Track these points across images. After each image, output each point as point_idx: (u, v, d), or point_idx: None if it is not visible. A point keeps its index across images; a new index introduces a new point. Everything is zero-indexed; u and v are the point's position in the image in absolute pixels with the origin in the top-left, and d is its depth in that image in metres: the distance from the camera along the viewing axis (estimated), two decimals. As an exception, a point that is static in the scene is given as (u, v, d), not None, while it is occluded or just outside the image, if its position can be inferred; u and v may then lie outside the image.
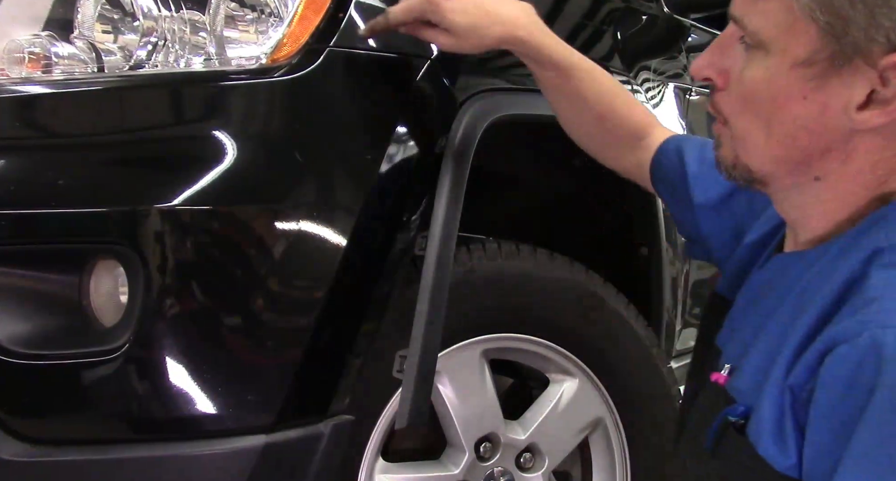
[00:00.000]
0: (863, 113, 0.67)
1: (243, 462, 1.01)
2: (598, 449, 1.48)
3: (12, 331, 0.99)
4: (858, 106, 0.67)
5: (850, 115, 0.68)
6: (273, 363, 1.03)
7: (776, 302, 0.75)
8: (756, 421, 0.69)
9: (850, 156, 0.70)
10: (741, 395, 0.73)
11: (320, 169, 1.05)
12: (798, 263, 0.76)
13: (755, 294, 0.83)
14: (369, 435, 1.19)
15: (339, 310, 1.06)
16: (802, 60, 0.68)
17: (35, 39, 1.12)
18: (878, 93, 0.66)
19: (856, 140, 0.70)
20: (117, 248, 0.98)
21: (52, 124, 1.06)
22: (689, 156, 1.05)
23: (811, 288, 0.71)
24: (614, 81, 1.12)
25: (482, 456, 1.32)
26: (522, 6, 1.04)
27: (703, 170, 1.03)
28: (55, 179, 0.99)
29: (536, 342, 1.35)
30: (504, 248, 1.31)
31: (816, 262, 0.72)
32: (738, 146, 0.75)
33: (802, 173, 0.73)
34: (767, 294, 0.79)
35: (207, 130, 1.01)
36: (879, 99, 0.67)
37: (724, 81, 0.75)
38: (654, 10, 1.72)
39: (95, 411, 1.00)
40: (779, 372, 0.67)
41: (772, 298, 0.77)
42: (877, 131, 0.69)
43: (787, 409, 0.66)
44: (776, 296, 0.76)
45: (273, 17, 1.07)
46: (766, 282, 0.81)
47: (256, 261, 1.00)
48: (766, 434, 0.67)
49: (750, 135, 0.74)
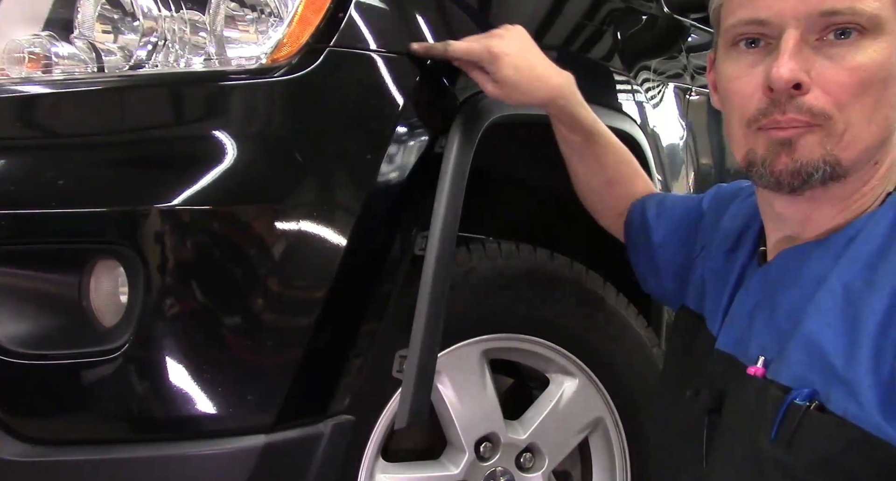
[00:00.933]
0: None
1: (243, 462, 1.01)
2: (598, 449, 1.48)
3: (12, 331, 0.99)
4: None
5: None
6: (273, 363, 1.03)
7: (807, 292, 0.76)
8: (848, 397, 0.68)
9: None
10: (798, 381, 0.73)
11: (320, 169, 1.04)
12: (817, 252, 0.78)
13: (766, 293, 0.84)
14: (369, 435, 1.18)
15: (339, 310, 1.06)
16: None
17: (35, 39, 1.12)
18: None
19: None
20: (117, 248, 0.98)
21: (52, 124, 1.06)
22: (649, 212, 1.16)
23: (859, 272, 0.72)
24: (626, 150, 1.24)
25: (482, 456, 1.32)
26: (566, 76, 1.15)
27: (660, 217, 1.15)
28: (55, 179, 0.99)
29: (536, 342, 1.35)
30: (504, 248, 1.31)
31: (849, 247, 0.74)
32: (833, 141, 0.75)
33: (872, 157, 0.77)
34: (788, 287, 0.80)
35: (207, 130, 1.01)
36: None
37: (810, 82, 0.75)
38: (654, 10, 1.72)
39: (95, 411, 1.00)
40: (870, 346, 0.67)
41: (797, 289, 0.78)
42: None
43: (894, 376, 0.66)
44: (803, 286, 0.77)
45: (273, 17, 1.07)
46: (779, 279, 0.83)
47: (256, 261, 1.00)
48: (872, 404, 0.67)
49: (853, 126, 0.74)
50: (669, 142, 1.64)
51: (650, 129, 1.53)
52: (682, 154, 1.69)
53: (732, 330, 0.88)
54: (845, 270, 0.74)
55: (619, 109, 1.47)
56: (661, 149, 1.58)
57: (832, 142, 0.75)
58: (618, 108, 1.47)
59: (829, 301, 0.73)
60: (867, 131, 0.75)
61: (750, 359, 0.81)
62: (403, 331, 1.11)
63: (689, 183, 1.73)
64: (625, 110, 1.47)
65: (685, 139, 1.71)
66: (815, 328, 0.73)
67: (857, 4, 0.72)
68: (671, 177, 1.61)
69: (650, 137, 1.51)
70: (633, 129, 1.46)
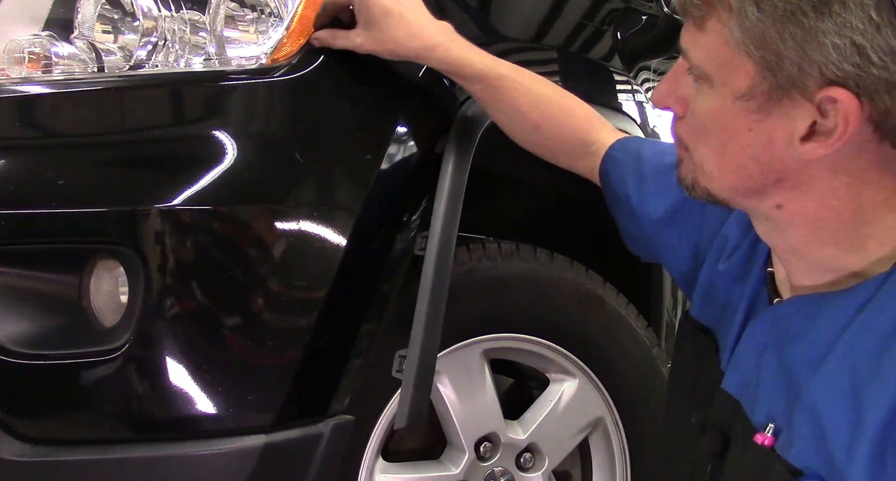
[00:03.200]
0: (806, 144, 0.68)
1: (243, 462, 1.01)
2: (598, 449, 1.48)
3: (12, 331, 0.99)
4: (801, 137, 0.68)
5: (794, 146, 0.68)
6: (273, 363, 1.03)
7: (813, 353, 0.72)
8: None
9: (808, 183, 0.70)
10: (806, 465, 0.69)
11: (320, 169, 1.04)
12: (828, 308, 0.73)
13: (772, 340, 0.79)
14: (369, 435, 1.19)
15: (339, 310, 1.06)
16: (743, 93, 0.69)
17: (35, 39, 1.12)
18: (820, 124, 0.67)
19: (810, 169, 0.70)
20: (117, 248, 0.98)
21: (52, 124, 1.06)
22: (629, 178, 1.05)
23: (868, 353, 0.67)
24: (553, 88, 1.12)
25: (482, 456, 1.32)
26: (441, 25, 1.06)
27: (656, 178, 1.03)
28: (55, 179, 0.99)
29: (536, 342, 1.35)
30: (504, 248, 1.31)
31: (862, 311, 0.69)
32: (696, 170, 0.77)
33: (760, 201, 0.74)
34: (793, 342, 0.76)
35: (207, 130, 1.01)
36: (821, 130, 0.67)
37: (683, 109, 0.76)
38: (654, 10, 1.71)
39: (95, 411, 1.00)
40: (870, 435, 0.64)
41: (803, 348, 0.74)
42: (825, 162, 0.69)
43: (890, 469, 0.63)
44: (810, 345, 0.73)
45: (273, 17, 1.07)
46: (785, 329, 0.78)
47: (256, 261, 1.00)
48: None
49: (705, 162, 0.75)
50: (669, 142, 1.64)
51: (650, 129, 1.53)
52: (682, 154, 1.69)
53: (738, 373, 0.84)
54: (855, 343, 0.68)
55: (619, 109, 1.47)
56: (661, 149, 1.58)
57: (696, 171, 0.77)
58: (618, 108, 1.47)
59: (836, 376, 0.68)
60: (721, 173, 0.74)
61: (758, 423, 0.77)
62: (403, 331, 1.11)
63: (689, 183, 1.73)
64: (625, 110, 1.47)
65: (685, 139, 1.70)
66: (821, 403, 0.69)
67: (688, 51, 0.72)
68: (671, 177, 1.61)
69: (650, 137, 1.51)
70: (633, 129, 1.46)
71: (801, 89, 0.66)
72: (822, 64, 0.64)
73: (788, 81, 0.66)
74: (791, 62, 0.65)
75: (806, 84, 0.65)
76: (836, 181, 0.69)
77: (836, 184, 0.70)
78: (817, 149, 0.67)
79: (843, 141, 0.66)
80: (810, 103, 0.66)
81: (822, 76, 0.64)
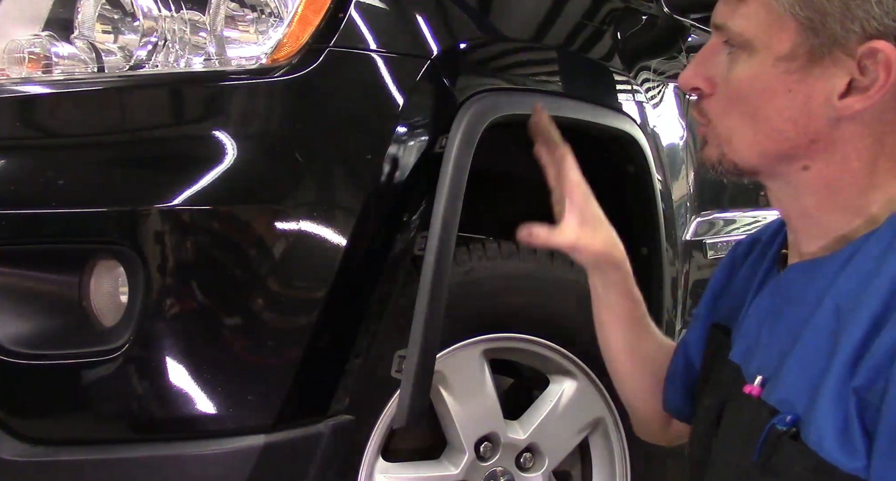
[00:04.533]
0: (844, 100, 0.72)
1: (243, 462, 1.01)
2: (598, 449, 1.48)
3: (12, 331, 0.99)
4: (840, 94, 0.71)
5: (832, 103, 0.72)
6: (273, 363, 1.03)
7: (807, 309, 0.75)
8: (815, 427, 0.68)
9: (836, 144, 0.74)
10: (785, 404, 0.73)
11: (320, 169, 1.04)
12: (821, 269, 0.77)
13: (774, 305, 0.83)
14: (369, 435, 1.18)
15: (339, 310, 1.06)
16: (785, 55, 0.72)
17: (35, 39, 1.12)
18: (857, 80, 0.71)
19: (840, 128, 0.73)
20: (117, 248, 0.98)
21: (52, 124, 1.06)
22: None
23: (850, 292, 0.71)
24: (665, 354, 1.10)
25: (482, 456, 1.32)
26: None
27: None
28: (55, 179, 0.99)
29: (536, 342, 1.35)
30: (504, 248, 1.31)
31: (846, 266, 0.73)
32: (724, 144, 0.79)
33: (790, 164, 0.77)
34: (792, 303, 0.79)
35: (207, 130, 1.01)
36: (859, 86, 0.71)
37: (712, 87, 0.80)
38: (654, 10, 1.71)
39: (96, 411, 1.00)
40: (837, 376, 0.67)
41: (800, 306, 0.77)
42: (858, 119, 0.73)
43: (852, 411, 0.66)
44: (805, 303, 0.76)
45: (273, 17, 1.07)
46: (786, 292, 0.82)
47: (256, 261, 1.00)
48: (830, 437, 0.67)
49: (736, 132, 0.78)
50: (669, 142, 1.64)
51: (650, 129, 1.53)
52: (682, 154, 1.69)
53: (744, 340, 0.86)
54: (839, 289, 0.72)
55: (619, 109, 1.46)
56: (661, 149, 1.58)
57: (724, 144, 0.80)
58: (618, 107, 1.46)
59: (822, 321, 0.72)
60: (755, 139, 0.77)
61: (749, 376, 0.80)
62: (403, 331, 1.11)
63: (689, 183, 1.73)
64: (625, 110, 1.47)
65: (685, 139, 1.71)
66: (808, 349, 0.73)
67: (728, 22, 0.76)
68: (671, 177, 1.61)
69: (650, 137, 1.51)
70: (633, 129, 1.46)
71: (842, 46, 0.70)
72: (864, 20, 0.68)
73: (831, 39, 0.70)
74: (834, 19, 0.69)
75: (848, 41, 0.69)
76: (861, 143, 0.73)
77: (860, 145, 0.73)
78: (855, 103, 0.71)
79: (884, 90, 0.70)
80: (851, 59, 0.70)
81: (863, 32, 0.69)
